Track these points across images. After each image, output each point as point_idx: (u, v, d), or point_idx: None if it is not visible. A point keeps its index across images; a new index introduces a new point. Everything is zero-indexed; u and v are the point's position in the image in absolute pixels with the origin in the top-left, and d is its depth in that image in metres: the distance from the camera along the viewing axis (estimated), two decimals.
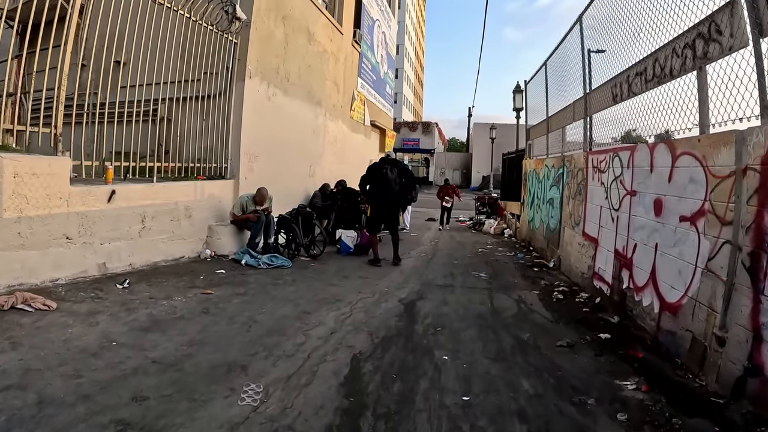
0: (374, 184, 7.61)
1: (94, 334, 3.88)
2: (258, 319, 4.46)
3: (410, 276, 6.88)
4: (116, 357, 3.46)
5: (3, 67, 5.64)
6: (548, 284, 6.60)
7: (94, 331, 3.93)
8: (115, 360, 3.41)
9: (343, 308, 4.98)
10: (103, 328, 4.02)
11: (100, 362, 3.36)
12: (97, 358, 3.43)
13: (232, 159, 8.01)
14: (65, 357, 3.40)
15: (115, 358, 3.45)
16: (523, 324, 4.80)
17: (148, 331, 4.03)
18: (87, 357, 3.43)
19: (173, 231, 6.59)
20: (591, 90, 6.51)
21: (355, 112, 13.96)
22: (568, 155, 7.69)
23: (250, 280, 5.92)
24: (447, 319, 4.84)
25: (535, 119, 10.97)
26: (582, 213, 6.57)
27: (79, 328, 3.96)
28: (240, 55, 7.94)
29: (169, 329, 4.09)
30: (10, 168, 4.65)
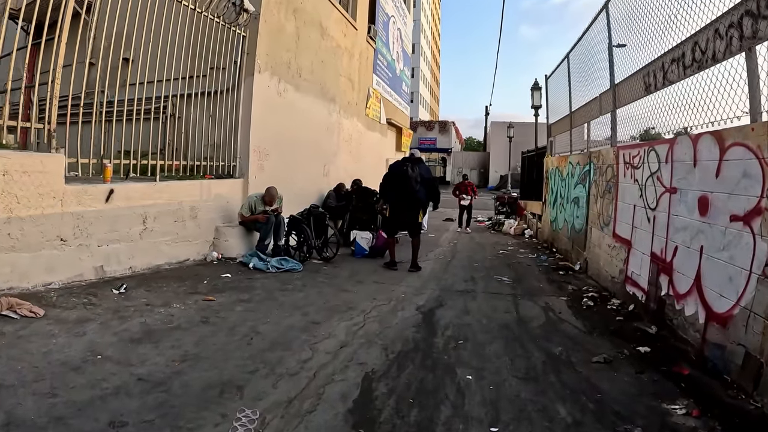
0: (393, 183, 7.14)
1: (80, 345, 3.53)
2: (261, 330, 4.05)
3: (428, 280, 6.43)
4: (99, 373, 3.11)
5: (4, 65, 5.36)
6: (576, 289, 6.11)
7: (80, 342, 3.58)
8: (97, 376, 3.06)
9: (356, 317, 4.56)
10: (90, 338, 3.67)
11: (80, 379, 3.02)
12: (78, 373, 3.09)
13: (241, 157, 7.66)
14: (43, 371, 3.06)
15: (98, 374, 3.10)
16: (553, 335, 4.34)
17: (138, 342, 3.66)
18: (67, 372, 3.09)
19: (177, 232, 6.24)
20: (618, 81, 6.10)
21: (371, 110, 13.55)
22: (595, 151, 7.19)
23: (257, 285, 5.53)
24: (469, 330, 4.38)
25: (556, 115, 10.51)
26: (612, 212, 6.11)
27: (64, 339, 3.62)
28: (249, 49, 7.60)
29: (163, 341, 3.71)
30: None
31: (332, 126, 10.91)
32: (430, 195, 7.17)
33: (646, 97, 5.22)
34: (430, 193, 7.18)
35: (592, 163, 7.19)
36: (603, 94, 6.73)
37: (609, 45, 6.39)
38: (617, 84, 6.14)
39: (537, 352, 3.90)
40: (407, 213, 7.07)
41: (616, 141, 6.27)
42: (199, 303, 4.70)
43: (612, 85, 6.29)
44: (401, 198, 7.06)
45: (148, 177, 6.15)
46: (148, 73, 6.21)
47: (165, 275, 5.65)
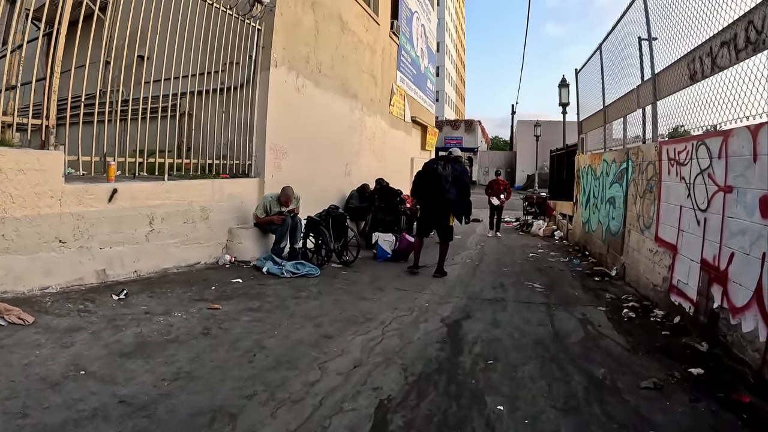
0: (422, 181, 6.62)
1: (64, 358, 3.19)
2: (266, 345, 3.62)
3: (454, 287, 5.91)
4: (78, 391, 2.76)
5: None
6: (614, 298, 5.52)
7: (65, 355, 3.24)
8: (75, 395, 2.71)
9: (374, 330, 4.08)
10: (77, 350, 3.33)
11: (56, 397, 2.68)
12: (56, 391, 2.75)
13: (257, 155, 7.29)
14: (18, 387, 2.76)
15: (77, 392, 2.75)
16: (593, 354, 3.78)
17: (128, 357, 3.27)
18: (44, 389, 2.76)
19: (187, 234, 5.89)
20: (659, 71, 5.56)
21: (395, 108, 13.08)
22: (633, 147, 6.57)
23: (268, 292, 5.12)
24: (500, 347, 3.86)
25: (588, 111, 9.90)
26: (654, 214, 5.51)
27: (49, 350, 3.29)
28: (264, 43, 7.24)
29: (155, 355, 3.32)
30: None
31: (354, 124, 10.48)
32: (460, 199, 6.51)
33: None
34: (461, 198, 6.51)
35: (630, 161, 6.58)
36: (641, 85, 6.19)
37: (648, 29, 5.84)
38: (657, 74, 5.60)
39: (577, 375, 3.36)
40: (436, 215, 6.55)
41: (657, 136, 5.71)
42: (202, 311, 4.31)
43: (652, 74, 5.74)
44: (429, 198, 6.55)
45: (156, 176, 5.82)
46: (163, 71, 6.00)
47: (172, 279, 5.30)
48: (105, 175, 5.14)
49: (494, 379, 3.25)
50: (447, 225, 6.56)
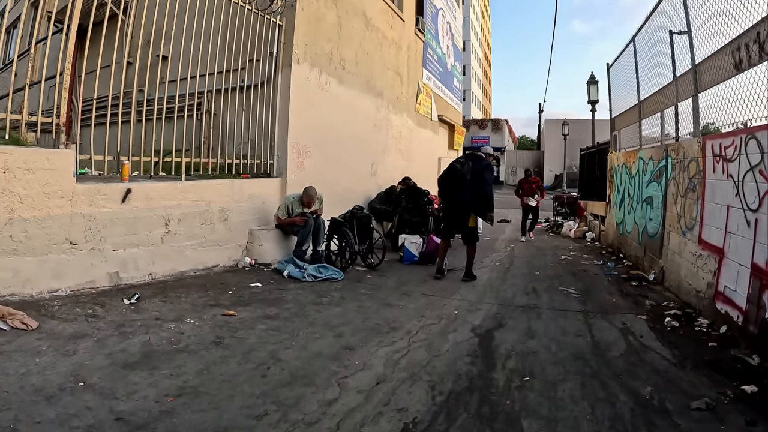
0: (444, 180, 6.27)
1: (64, 367, 2.95)
2: (282, 357, 3.29)
3: (485, 293, 5.50)
4: (74, 406, 2.51)
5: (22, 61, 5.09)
6: (654, 305, 5.05)
7: (66, 364, 2.99)
8: (70, 410, 2.47)
9: (399, 341, 3.71)
10: (78, 359, 3.08)
11: (50, 411, 2.45)
12: (51, 404, 2.52)
13: (279, 154, 7.03)
14: (12, 398, 2.53)
15: (72, 407, 2.50)
16: (638, 369, 3.36)
17: (132, 368, 3.00)
18: (38, 402, 2.53)
19: (205, 236, 5.65)
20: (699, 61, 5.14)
21: (421, 106, 12.70)
22: (673, 143, 6.05)
23: (288, 298, 4.81)
24: (536, 361, 3.45)
25: (621, 106, 9.38)
26: (697, 215, 5.03)
27: (50, 358, 3.06)
28: (285, 39, 6.99)
29: (161, 367, 3.04)
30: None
31: (380, 122, 10.15)
32: (479, 198, 6.01)
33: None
34: (480, 197, 6.01)
35: (669, 158, 6.06)
36: (680, 77, 5.73)
37: (686, 15, 5.38)
38: (698, 64, 5.14)
39: (622, 394, 2.96)
40: (455, 215, 6.17)
41: (699, 130, 5.23)
42: (216, 318, 4.02)
43: (692, 65, 5.27)
44: (449, 198, 6.19)
45: (173, 176, 5.60)
46: (183, 70, 5.84)
47: (188, 283, 5.05)
48: (119, 174, 4.92)
49: (531, 399, 2.87)
50: (468, 226, 6.15)
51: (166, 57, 5.83)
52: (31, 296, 4.09)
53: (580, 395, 2.93)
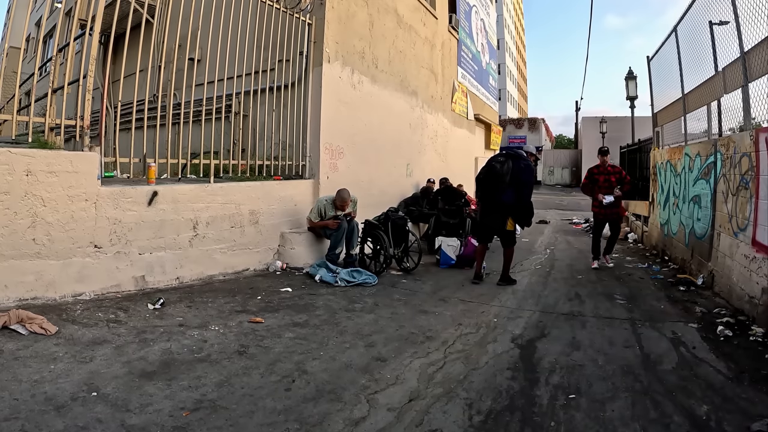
0: (480, 180, 5.88)
1: (79, 375, 2.78)
2: (308, 369, 3.02)
3: (525, 298, 5.11)
4: (84, 417, 2.35)
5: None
6: (705, 312, 4.58)
7: (81, 372, 2.83)
8: (79, 422, 2.30)
9: (434, 353, 3.38)
10: (94, 367, 2.91)
11: (59, 422, 2.29)
12: (60, 414, 2.36)
13: (311, 156, 6.83)
14: (21, 407, 2.39)
15: (82, 418, 2.33)
16: (692, 385, 2.98)
17: (149, 378, 2.80)
18: (48, 411, 2.38)
19: (235, 240, 5.47)
20: (748, 48, 4.70)
21: (457, 105, 12.34)
22: (722, 138, 5.51)
23: (319, 304, 4.55)
24: (582, 376, 3.08)
25: (663, 101, 8.77)
26: (751, 214, 4.53)
27: (65, 365, 2.91)
28: (316, 37, 6.81)
29: (180, 377, 2.82)
30: (21, 165, 3.83)
31: (415, 122, 9.85)
32: (518, 201, 5.60)
33: None
34: (519, 200, 5.60)
35: (718, 153, 5.51)
36: (727, 67, 5.25)
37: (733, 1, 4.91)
38: (747, 52, 4.68)
39: (676, 414, 2.60)
40: (492, 218, 5.76)
41: (751, 123, 4.77)
42: (243, 325, 3.79)
43: (741, 52, 4.80)
44: (487, 199, 5.78)
45: (202, 178, 5.46)
46: (213, 72, 5.75)
47: (216, 288, 4.87)
48: (145, 177, 4.80)
49: (578, 420, 2.51)
50: (506, 229, 5.74)
51: (195, 59, 5.78)
52: (54, 300, 3.98)
53: (631, 415, 2.58)
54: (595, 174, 7.03)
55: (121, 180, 4.95)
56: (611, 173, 6.96)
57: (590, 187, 7.09)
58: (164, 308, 4.08)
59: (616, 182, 6.84)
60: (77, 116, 4.37)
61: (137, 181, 4.92)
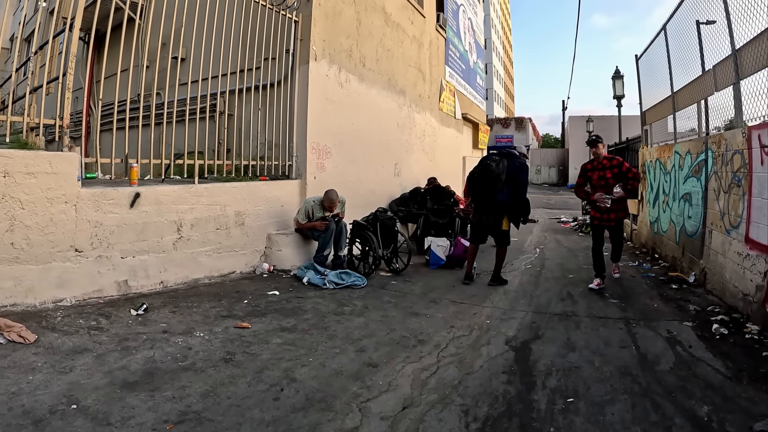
0: (474, 179, 5.81)
1: (58, 387, 2.67)
2: (297, 376, 2.93)
3: (517, 299, 5.07)
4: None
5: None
6: (699, 310, 4.59)
7: (61, 383, 2.72)
8: None
9: (427, 357, 3.31)
10: (75, 378, 2.80)
11: None
12: (38, 429, 2.29)
13: (298, 155, 6.72)
14: None
15: None
16: (691, 385, 2.96)
17: (131, 388, 2.69)
18: (25, 426, 2.29)
19: (220, 242, 5.35)
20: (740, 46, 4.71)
21: (445, 104, 12.29)
22: (714, 135, 5.53)
23: (307, 307, 4.46)
24: (579, 379, 3.04)
25: (652, 99, 8.79)
26: (743, 211, 4.54)
27: (44, 376, 2.79)
28: (302, 35, 6.70)
29: (163, 387, 2.71)
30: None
31: (403, 121, 9.78)
32: (515, 200, 5.59)
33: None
34: (516, 199, 5.59)
35: (710, 150, 5.53)
36: (718, 64, 5.25)
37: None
38: (739, 49, 4.69)
39: (677, 416, 2.57)
40: (487, 217, 5.71)
41: (742, 120, 4.75)
42: (229, 331, 3.69)
43: (732, 50, 4.80)
44: (481, 198, 5.72)
45: (186, 179, 5.34)
46: (196, 71, 5.63)
47: (201, 292, 4.75)
48: (127, 178, 4.67)
49: (577, 425, 2.47)
50: (501, 229, 5.70)
51: (180, 58, 5.66)
52: (34, 306, 3.85)
53: (631, 419, 2.54)
54: (588, 170, 5.80)
55: (102, 181, 4.80)
56: (607, 167, 5.65)
57: (583, 189, 5.88)
58: (147, 314, 3.96)
59: (614, 178, 5.58)
60: (56, 116, 4.21)
61: (119, 182, 4.78)
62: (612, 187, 5.56)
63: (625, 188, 5.58)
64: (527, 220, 5.92)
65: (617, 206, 5.61)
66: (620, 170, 5.60)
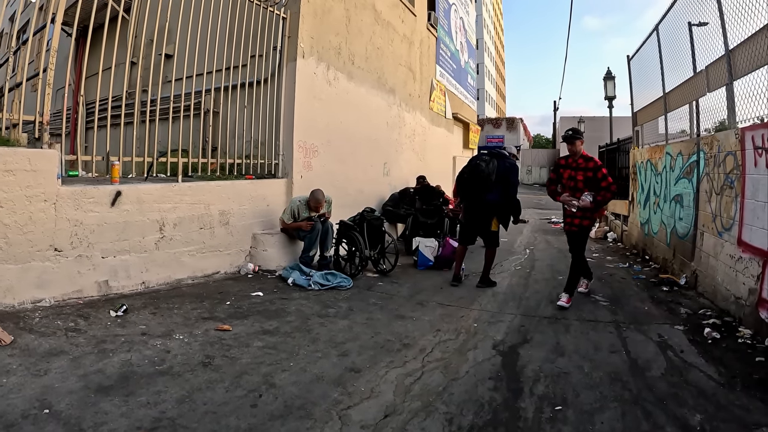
0: (464, 179, 5.75)
1: (32, 390, 2.60)
2: (277, 382, 2.88)
3: (506, 301, 5.04)
4: None
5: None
6: (690, 313, 4.58)
7: (34, 386, 2.65)
8: None
9: (412, 362, 3.27)
10: (49, 381, 2.73)
11: None
12: None
13: (284, 154, 6.65)
14: None
15: None
16: (683, 392, 2.92)
17: (106, 393, 2.63)
18: None
19: (204, 241, 5.28)
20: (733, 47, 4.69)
21: (435, 103, 12.26)
22: (706, 137, 5.54)
23: (291, 309, 4.40)
24: (568, 385, 3.00)
25: (643, 100, 8.80)
26: (736, 213, 4.52)
27: (18, 379, 2.72)
28: (290, 32, 6.61)
29: (139, 392, 2.65)
30: None
31: (392, 120, 9.72)
32: (506, 200, 5.57)
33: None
34: (507, 199, 5.56)
35: (701, 152, 5.54)
36: (711, 65, 5.24)
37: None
38: (732, 49, 4.67)
39: (669, 425, 2.53)
40: (478, 218, 5.67)
41: (735, 121, 4.73)
42: (209, 334, 3.62)
43: (726, 50, 4.79)
44: (472, 199, 5.66)
45: (169, 177, 5.25)
46: (184, 68, 5.63)
47: (183, 293, 4.67)
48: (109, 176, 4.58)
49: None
50: (490, 230, 5.66)
51: (167, 55, 5.64)
52: (13, 306, 3.77)
53: (622, 428, 2.50)
54: (561, 167, 5.07)
55: (83, 179, 4.71)
56: (581, 168, 4.86)
57: (553, 187, 5.14)
58: (127, 315, 3.88)
59: (585, 182, 4.83)
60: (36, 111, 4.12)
61: (100, 180, 4.69)
62: (581, 192, 4.83)
63: (595, 198, 4.78)
64: (518, 221, 5.89)
65: (584, 212, 4.86)
66: (594, 175, 4.80)
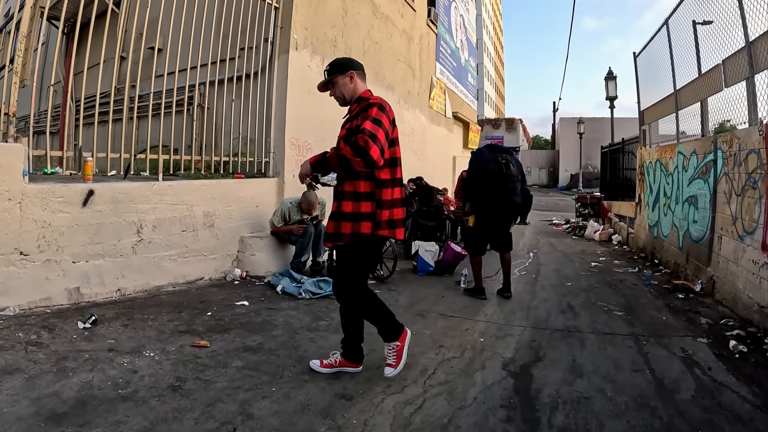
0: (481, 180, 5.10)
1: None
2: (255, 412, 2.50)
3: (513, 311, 4.67)
4: None
5: None
6: (711, 323, 4.24)
7: None
8: None
9: (411, 386, 2.89)
10: None
11: None
12: None
13: (275, 152, 6.30)
14: None
15: None
16: (717, 417, 2.58)
17: (59, 421, 2.27)
18: None
19: (186, 245, 4.91)
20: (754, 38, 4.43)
21: (435, 102, 11.92)
22: (724, 134, 5.23)
23: (278, 321, 4.03)
24: (590, 413, 2.62)
25: (651, 98, 8.52)
26: (760, 216, 4.21)
27: None
28: (283, 22, 6.28)
29: (96, 421, 2.29)
30: None
31: None
32: (526, 201, 5.22)
33: None
34: (527, 199, 5.23)
35: (719, 150, 5.22)
36: (728, 59, 4.96)
37: None
38: (753, 41, 4.38)
39: None
40: (501, 223, 5.17)
41: (757, 117, 4.44)
42: (183, 351, 3.25)
43: (746, 42, 4.50)
44: (494, 203, 5.06)
45: (149, 176, 4.89)
46: (173, 62, 5.33)
47: (162, 301, 4.30)
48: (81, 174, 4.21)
49: None
50: (509, 232, 5.31)
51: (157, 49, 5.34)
52: None
53: None
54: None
55: (54, 177, 4.35)
56: None
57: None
58: (96, 327, 3.51)
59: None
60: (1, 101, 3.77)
61: (72, 178, 4.33)
62: None
63: None
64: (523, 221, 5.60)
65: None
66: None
